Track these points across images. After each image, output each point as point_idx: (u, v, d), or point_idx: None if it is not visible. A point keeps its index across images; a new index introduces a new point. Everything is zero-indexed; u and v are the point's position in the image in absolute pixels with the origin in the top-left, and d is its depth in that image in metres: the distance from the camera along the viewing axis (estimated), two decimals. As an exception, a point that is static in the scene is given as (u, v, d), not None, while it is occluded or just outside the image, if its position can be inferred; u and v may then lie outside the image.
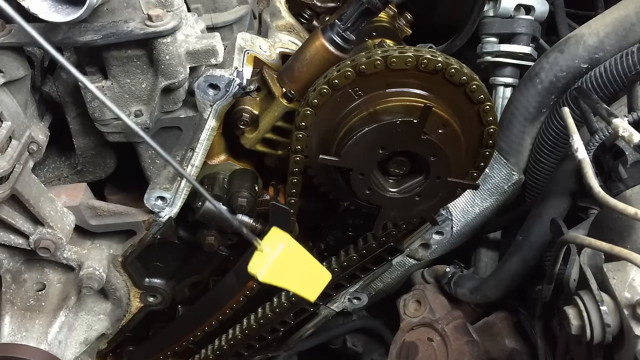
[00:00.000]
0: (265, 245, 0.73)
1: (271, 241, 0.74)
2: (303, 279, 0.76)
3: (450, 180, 1.17)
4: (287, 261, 0.73)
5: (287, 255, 0.73)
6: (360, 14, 1.17)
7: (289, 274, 0.74)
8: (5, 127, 1.17)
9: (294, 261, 0.74)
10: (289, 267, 0.73)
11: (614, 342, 1.01)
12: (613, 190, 1.21)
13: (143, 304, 1.60)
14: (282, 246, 0.73)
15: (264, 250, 0.73)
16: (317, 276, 0.77)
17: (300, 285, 0.76)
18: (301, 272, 0.76)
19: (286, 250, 0.73)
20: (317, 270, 0.77)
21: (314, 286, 0.77)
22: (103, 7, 1.13)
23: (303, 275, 0.76)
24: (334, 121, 1.18)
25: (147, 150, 1.34)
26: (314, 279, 0.77)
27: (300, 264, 0.76)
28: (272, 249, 0.72)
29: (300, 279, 0.75)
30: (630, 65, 1.44)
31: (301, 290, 0.77)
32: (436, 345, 1.69)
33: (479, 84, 1.13)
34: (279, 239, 0.74)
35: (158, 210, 1.36)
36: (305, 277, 0.76)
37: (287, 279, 0.74)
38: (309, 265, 0.76)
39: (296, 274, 0.75)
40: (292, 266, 0.74)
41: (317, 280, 0.77)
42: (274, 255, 0.72)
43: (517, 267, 1.57)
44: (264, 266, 0.71)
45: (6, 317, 1.41)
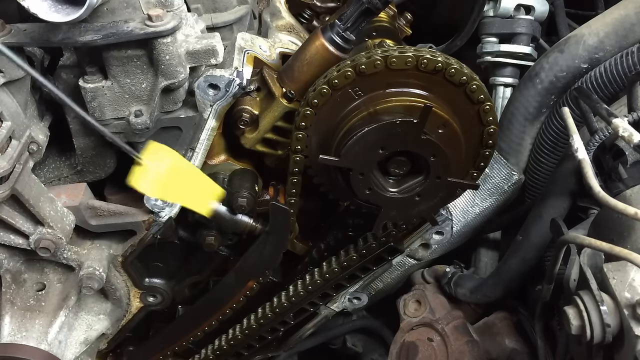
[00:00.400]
0: (147, 158, 0.68)
1: (153, 155, 0.68)
2: (191, 193, 0.71)
3: (450, 180, 1.17)
4: (174, 176, 0.68)
5: (174, 172, 0.68)
6: (360, 14, 1.17)
7: (176, 189, 0.69)
8: (5, 127, 1.17)
9: (181, 176, 0.70)
10: (175, 183, 0.68)
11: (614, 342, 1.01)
12: (613, 190, 1.21)
13: (143, 304, 1.60)
14: (167, 163, 0.68)
15: (144, 163, 0.68)
16: (206, 190, 0.74)
17: (189, 200, 0.72)
18: (189, 187, 0.71)
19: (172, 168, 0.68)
20: (207, 184, 0.72)
21: (203, 200, 0.73)
22: (103, 7, 1.13)
23: (191, 190, 0.71)
24: (334, 121, 1.18)
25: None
26: (203, 193, 0.73)
27: (188, 179, 0.71)
28: (156, 163, 0.67)
29: (188, 193, 0.71)
30: (630, 65, 1.44)
31: (190, 204, 0.72)
32: (436, 345, 1.69)
33: (479, 84, 1.13)
34: (164, 155, 0.69)
35: (158, 210, 1.36)
36: (193, 191, 0.72)
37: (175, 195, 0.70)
38: (198, 180, 0.72)
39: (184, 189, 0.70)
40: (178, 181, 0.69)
41: (207, 194, 0.73)
42: (159, 169, 0.67)
43: (517, 267, 1.57)
44: (148, 180, 0.66)
45: (6, 317, 1.41)
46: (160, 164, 0.69)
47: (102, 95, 1.23)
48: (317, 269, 1.50)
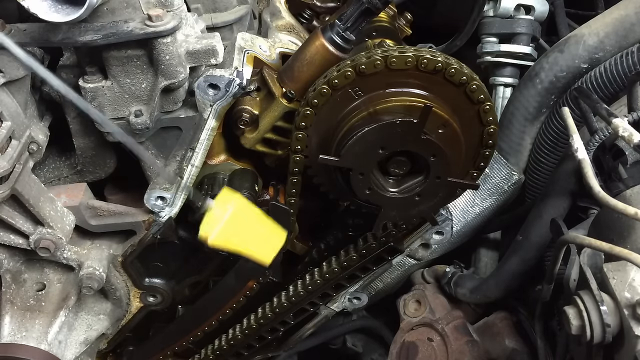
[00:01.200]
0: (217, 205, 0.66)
1: (221, 201, 0.67)
2: (256, 240, 0.69)
3: (450, 180, 1.17)
4: (240, 223, 0.67)
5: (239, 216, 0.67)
6: (360, 14, 1.17)
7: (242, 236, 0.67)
8: (5, 127, 1.17)
9: (247, 222, 0.68)
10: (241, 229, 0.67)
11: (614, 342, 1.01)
12: (613, 190, 1.21)
13: (143, 304, 1.60)
14: (232, 207, 0.66)
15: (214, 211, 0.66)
16: (271, 237, 0.70)
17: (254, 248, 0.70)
18: (255, 234, 0.69)
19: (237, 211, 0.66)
20: (272, 231, 0.69)
21: (268, 248, 0.70)
22: (103, 7, 1.13)
23: (257, 237, 0.69)
24: (334, 121, 1.18)
25: (147, 150, 1.34)
26: (268, 241, 0.70)
27: (254, 225, 0.70)
28: (223, 210, 0.66)
29: (253, 241, 0.69)
30: (630, 65, 1.44)
31: (255, 254, 0.70)
32: (436, 345, 1.69)
33: (479, 84, 1.13)
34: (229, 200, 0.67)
35: (158, 210, 1.36)
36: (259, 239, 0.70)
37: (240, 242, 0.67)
38: (263, 226, 0.70)
39: (250, 236, 0.68)
40: (245, 228, 0.67)
41: (272, 241, 0.70)
42: (225, 216, 0.66)
43: (517, 267, 1.57)
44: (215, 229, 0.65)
45: (6, 317, 1.41)
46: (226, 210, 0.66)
47: (102, 95, 1.23)
48: (317, 269, 1.50)
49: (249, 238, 0.69)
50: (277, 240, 0.72)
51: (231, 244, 0.66)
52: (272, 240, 0.70)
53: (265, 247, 0.69)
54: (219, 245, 0.66)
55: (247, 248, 0.69)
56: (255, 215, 0.70)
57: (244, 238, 0.68)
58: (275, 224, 0.71)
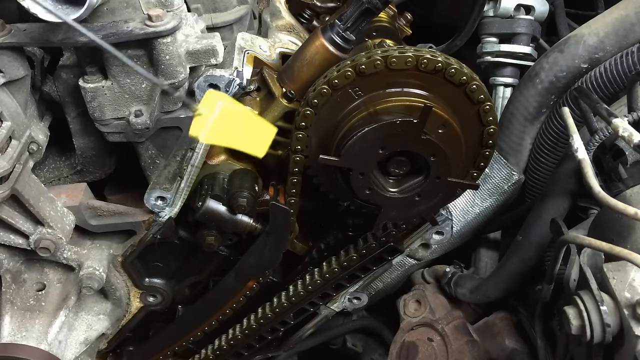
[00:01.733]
0: (203, 107, 0.70)
1: (208, 103, 0.70)
2: (247, 136, 0.72)
3: (450, 180, 1.17)
4: (228, 120, 0.70)
5: (227, 113, 0.70)
6: (360, 14, 1.17)
7: (231, 132, 0.70)
8: (5, 127, 1.17)
9: (235, 119, 0.71)
10: (230, 126, 0.70)
11: (614, 342, 1.01)
12: (613, 190, 1.21)
13: (143, 304, 1.60)
14: (220, 104, 0.69)
15: (201, 112, 0.70)
16: (261, 131, 0.73)
17: (246, 143, 0.72)
18: (244, 129, 0.72)
19: (225, 109, 0.69)
20: (261, 126, 0.72)
21: (260, 142, 0.73)
22: (103, 7, 1.13)
23: (247, 133, 0.72)
24: (334, 121, 1.18)
25: (147, 150, 1.34)
26: (259, 135, 0.73)
27: (242, 121, 0.72)
28: (210, 110, 0.69)
29: (244, 136, 0.72)
30: (630, 65, 1.44)
31: (247, 148, 0.73)
32: (436, 345, 1.69)
33: (479, 84, 1.13)
34: (216, 99, 0.70)
35: (158, 210, 1.37)
36: (249, 134, 0.72)
37: (231, 138, 0.70)
38: (252, 121, 0.72)
39: (239, 132, 0.71)
40: (234, 124, 0.70)
41: (263, 135, 0.73)
42: (213, 115, 0.69)
43: (517, 267, 1.57)
44: (205, 127, 0.68)
45: (6, 317, 1.41)
46: (214, 109, 0.69)
47: (102, 95, 1.23)
48: (317, 269, 1.50)
49: (239, 133, 0.71)
50: (268, 134, 0.74)
51: (222, 139, 0.68)
52: (263, 134, 0.73)
53: (256, 141, 0.72)
54: (211, 141, 0.68)
55: (238, 143, 0.71)
56: (243, 112, 0.72)
57: (235, 134, 0.70)
58: (264, 120, 0.73)
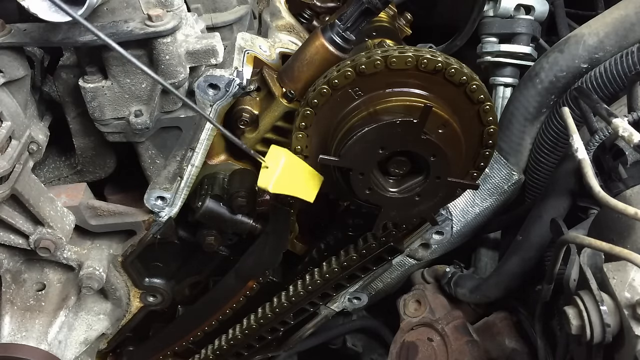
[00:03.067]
0: (269, 161, 0.79)
1: (273, 157, 0.79)
2: (303, 184, 0.82)
3: (450, 180, 1.17)
4: (289, 171, 0.79)
5: (289, 165, 0.79)
6: (360, 14, 1.17)
7: (292, 182, 0.80)
8: (5, 127, 1.17)
9: (294, 170, 0.81)
10: (291, 176, 0.80)
11: (614, 342, 1.01)
12: (613, 190, 1.21)
13: (143, 304, 1.60)
14: (283, 159, 0.78)
15: (268, 166, 0.78)
16: (313, 179, 0.82)
17: (302, 190, 0.82)
18: (301, 178, 0.82)
19: (287, 162, 0.79)
20: (313, 174, 0.82)
21: (312, 189, 0.82)
22: (103, 7, 1.13)
23: (302, 181, 0.82)
24: (334, 121, 1.18)
25: (147, 150, 1.34)
26: (311, 183, 0.82)
27: (299, 171, 0.82)
28: (275, 163, 0.77)
29: (301, 184, 0.81)
30: (630, 65, 1.44)
31: (303, 194, 0.82)
32: (436, 345, 1.69)
33: (479, 84, 1.13)
34: (279, 154, 0.79)
35: (158, 210, 1.37)
36: (304, 182, 0.82)
37: (292, 187, 0.80)
38: (306, 171, 0.82)
39: (297, 181, 0.81)
40: (294, 174, 0.80)
41: (314, 182, 0.82)
42: (278, 168, 0.77)
43: (517, 267, 1.57)
44: (272, 179, 0.76)
45: (6, 317, 1.41)
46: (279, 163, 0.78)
47: (102, 95, 1.23)
48: (317, 269, 1.50)
49: (297, 182, 0.81)
50: (318, 181, 0.83)
51: (285, 189, 0.78)
52: (314, 181, 0.82)
53: (309, 187, 0.82)
54: (277, 191, 0.77)
55: (297, 191, 0.81)
56: (299, 163, 0.82)
57: (294, 183, 0.80)
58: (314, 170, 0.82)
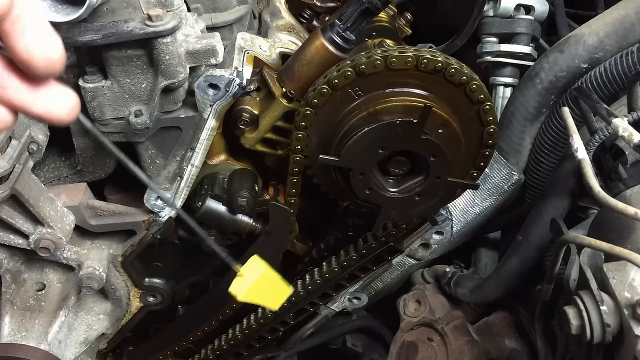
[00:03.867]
0: (246, 271, 0.87)
1: (250, 268, 0.87)
2: (271, 295, 0.90)
3: (450, 180, 1.17)
4: (262, 284, 0.87)
5: (262, 280, 0.87)
6: (360, 14, 1.17)
7: (261, 293, 0.88)
8: (5, 127, 1.17)
9: (267, 284, 0.88)
10: (262, 289, 0.88)
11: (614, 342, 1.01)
12: (613, 190, 1.20)
13: (143, 304, 1.60)
14: (259, 274, 0.87)
15: (244, 275, 0.86)
16: (282, 292, 0.91)
17: (269, 301, 0.91)
18: (271, 291, 0.90)
19: (262, 276, 0.87)
20: (283, 288, 0.91)
21: (278, 300, 0.91)
22: (103, 7, 1.13)
23: (271, 293, 0.90)
24: (334, 121, 1.18)
25: (147, 150, 1.34)
26: (279, 295, 0.91)
27: (271, 285, 0.90)
28: (251, 275, 0.86)
29: (269, 296, 0.90)
30: (630, 65, 1.44)
31: (269, 304, 0.91)
32: (436, 345, 1.69)
33: (479, 84, 1.13)
34: (257, 267, 0.88)
35: (158, 210, 1.37)
36: (272, 294, 0.91)
37: (260, 298, 0.88)
38: (277, 285, 0.91)
39: (267, 293, 0.89)
40: (265, 287, 0.88)
41: (282, 294, 0.91)
42: (252, 280, 0.86)
43: (517, 267, 1.57)
44: (244, 289, 0.86)
45: (6, 317, 1.41)
46: (254, 275, 0.87)
47: (102, 95, 1.23)
48: (317, 269, 1.50)
49: (266, 294, 0.89)
50: (286, 293, 0.92)
51: (253, 299, 0.86)
52: (282, 293, 0.91)
53: (276, 299, 0.91)
54: (245, 300, 0.86)
55: (264, 301, 0.89)
56: (273, 278, 0.89)
57: (263, 294, 0.88)
58: (284, 280, 0.92)
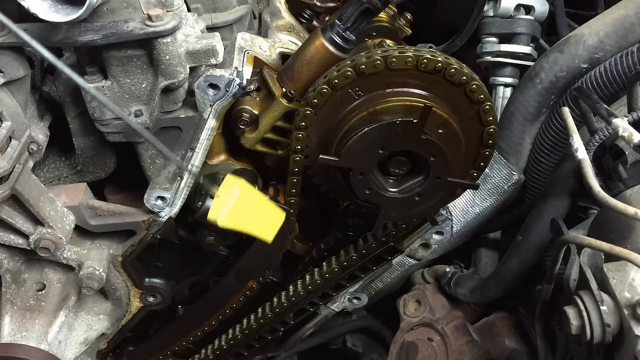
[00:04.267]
0: (222, 191, 0.74)
1: (227, 187, 0.74)
2: (259, 221, 0.77)
3: (450, 180, 1.17)
4: (244, 205, 0.74)
5: (243, 199, 0.74)
6: (360, 14, 1.17)
7: (246, 217, 0.75)
8: (5, 127, 1.17)
9: (250, 204, 0.75)
10: (246, 211, 0.74)
11: (614, 342, 1.01)
12: (613, 190, 1.20)
13: (143, 304, 1.60)
14: (237, 191, 0.74)
15: (220, 195, 0.74)
16: (272, 217, 0.78)
17: (258, 228, 0.77)
18: (257, 214, 0.77)
19: (242, 194, 0.74)
20: (272, 211, 0.77)
21: (270, 227, 0.78)
22: (103, 7, 1.13)
23: (259, 217, 0.77)
24: (334, 121, 1.18)
25: (147, 150, 1.34)
26: (269, 220, 0.77)
27: (256, 206, 0.77)
28: (229, 194, 0.73)
29: (256, 221, 0.76)
30: (630, 65, 1.44)
31: (259, 232, 0.78)
32: (436, 345, 1.69)
33: (479, 84, 1.13)
34: (234, 185, 0.75)
35: (158, 210, 1.36)
36: (261, 219, 0.77)
37: (245, 222, 0.75)
38: (264, 207, 0.78)
39: (253, 217, 0.76)
40: (249, 209, 0.75)
41: (273, 220, 0.78)
42: (231, 200, 0.73)
43: (517, 267, 1.57)
44: (223, 211, 0.72)
45: (6, 317, 1.41)
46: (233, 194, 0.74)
47: (102, 95, 1.23)
48: (317, 269, 1.50)
49: (253, 218, 0.75)
50: (277, 219, 0.78)
51: (238, 224, 0.72)
52: (273, 219, 0.77)
53: (267, 226, 0.76)
54: (228, 226, 0.72)
55: (251, 227, 0.75)
56: (257, 197, 0.77)
57: (249, 218, 0.75)
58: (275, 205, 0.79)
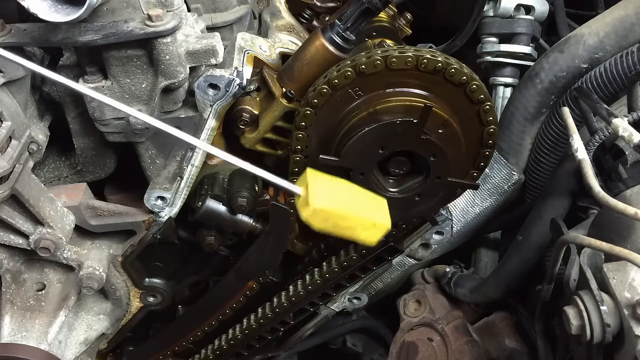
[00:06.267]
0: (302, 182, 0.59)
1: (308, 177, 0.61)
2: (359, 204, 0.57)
3: (450, 180, 1.17)
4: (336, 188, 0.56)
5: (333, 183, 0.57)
6: (360, 14, 1.17)
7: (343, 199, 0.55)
8: (5, 127, 1.17)
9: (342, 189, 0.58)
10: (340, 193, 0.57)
11: (614, 342, 1.01)
12: (613, 190, 1.20)
13: (143, 304, 1.60)
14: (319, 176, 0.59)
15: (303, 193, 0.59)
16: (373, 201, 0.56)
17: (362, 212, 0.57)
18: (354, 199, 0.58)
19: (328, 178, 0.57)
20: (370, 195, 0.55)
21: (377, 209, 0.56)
22: (103, 7, 1.13)
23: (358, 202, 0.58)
24: (334, 121, 1.18)
25: (147, 150, 1.34)
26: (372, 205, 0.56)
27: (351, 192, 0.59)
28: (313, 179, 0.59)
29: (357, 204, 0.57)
30: (630, 65, 1.44)
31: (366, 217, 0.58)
32: (436, 345, 1.69)
33: (479, 84, 1.13)
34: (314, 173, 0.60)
35: (158, 210, 1.36)
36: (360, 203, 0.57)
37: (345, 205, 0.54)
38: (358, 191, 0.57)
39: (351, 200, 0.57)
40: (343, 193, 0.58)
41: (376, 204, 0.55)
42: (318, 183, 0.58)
43: (517, 267, 1.57)
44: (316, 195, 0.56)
45: (6, 317, 1.41)
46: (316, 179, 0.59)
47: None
48: (317, 269, 1.50)
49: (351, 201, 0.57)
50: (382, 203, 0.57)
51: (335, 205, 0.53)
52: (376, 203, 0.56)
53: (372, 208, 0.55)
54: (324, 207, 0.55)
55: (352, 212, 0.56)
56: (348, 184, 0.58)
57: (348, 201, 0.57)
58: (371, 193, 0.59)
